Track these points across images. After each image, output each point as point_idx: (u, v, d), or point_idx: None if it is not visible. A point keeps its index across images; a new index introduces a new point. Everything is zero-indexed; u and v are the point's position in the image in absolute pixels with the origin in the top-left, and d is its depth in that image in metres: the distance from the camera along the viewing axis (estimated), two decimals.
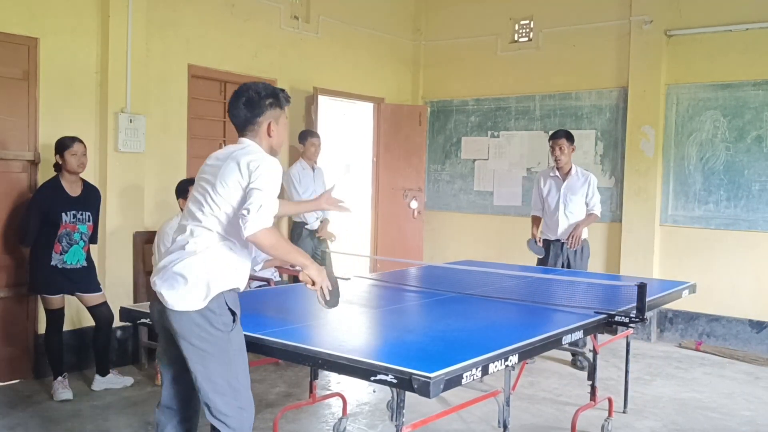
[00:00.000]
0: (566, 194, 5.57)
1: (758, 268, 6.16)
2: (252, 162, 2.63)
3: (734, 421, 4.44)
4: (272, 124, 2.81)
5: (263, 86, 2.86)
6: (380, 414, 4.39)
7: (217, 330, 2.60)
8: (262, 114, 2.79)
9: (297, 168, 6.22)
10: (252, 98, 2.80)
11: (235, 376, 2.64)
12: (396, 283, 4.49)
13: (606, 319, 3.36)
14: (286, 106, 2.89)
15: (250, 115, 2.80)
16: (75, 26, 5.02)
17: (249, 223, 2.51)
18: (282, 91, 2.90)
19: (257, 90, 2.82)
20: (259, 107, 2.79)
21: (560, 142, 5.52)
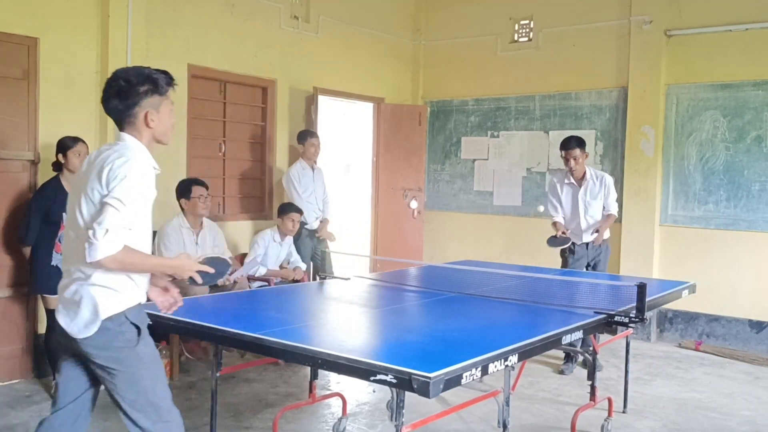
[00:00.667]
0: (584, 199, 5.50)
1: (758, 268, 6.16)
2: (112, 171, 2.39)
3: (734, 421, 4.44)
4: (150, 114, 2.53)
5: (135, 72, 2.56)
6: (380, 414, 4.39)
7: (122, 348, 2.46)
8: (137, 104, 2.52)
9: (297, 168, 6.22)
10: (122, 88, 2.51)
11: (152, 389, 2.51)
12: (396, 283, 4.49)
13: (606, 319, 3.36)
14: (169, 91, 2.61)
15: (123, 107, 2.52)
16: (75, 26, 5.03)
17: (93, 249, 2.30)
18: (162, 74, 2.60)
19: (127, 77, 2.53)
20: (132, 97, 2.51)
21: (574, 153, 5.39)
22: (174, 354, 5.00)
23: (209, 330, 2.97)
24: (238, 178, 6.46)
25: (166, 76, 2.60)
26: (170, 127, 2.65)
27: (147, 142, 2.58)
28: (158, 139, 2.62)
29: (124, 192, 2.37)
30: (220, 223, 5.71)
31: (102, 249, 2.31)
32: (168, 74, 2.62)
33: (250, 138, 6.52)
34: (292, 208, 5.78)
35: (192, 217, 5.18)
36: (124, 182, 2.38)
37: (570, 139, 5.49)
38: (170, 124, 2.65)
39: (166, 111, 2.61)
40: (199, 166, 5.97)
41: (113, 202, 2.35)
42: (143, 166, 2.47)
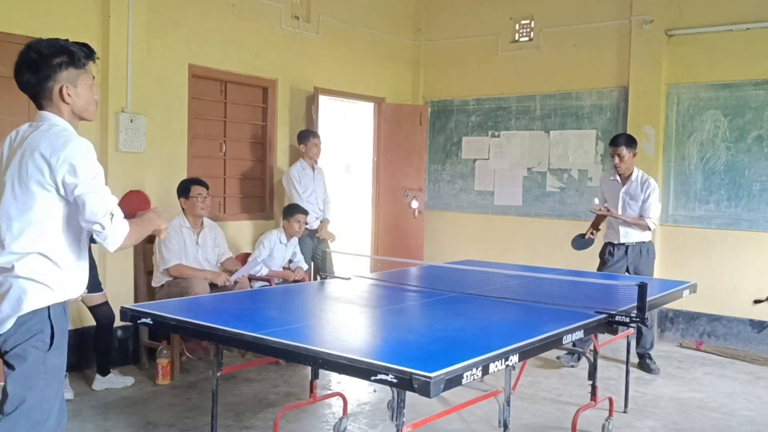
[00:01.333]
0: (625, 199, 5.43)
1: (759, 268, 6.15)
2: (60, 159, 2.24)
3: (735, 420, 4.44)
4: (66, 88, 2.37)
5: (47, 43, 2.37)
6: (381, 414, 4.38)
7: (33, 347, 2.29)
8: (50, 77, 2.36)
9: (297, 168, 6.22)
10: (34, 61, 2.35)
11: (38, 403, 2.28)
12: (396, 282, 4.49)
13: (606, 319, 3.36)
14: (87, 64, 2.43)
15: (35, 81, 2.37)
16: (75, 26, 5.02)
17: (110, 239, 2.29)
18: (81, 46, 2.43)
19: (39, 49, 2.35)
20: (45, 69, 2.35)
21: (620, 150, 5.34)
22: (175, 354, 5.00)
23: (210, 330, 2.97)
24: (238, 178, 6.46)
25: (85, 48, 2.45)
26: (92, 102, 2.49)
27: (68, 118, 2.42)
28: (79, 114, 2.45)
29: (89, 175, 2.28)
30: (220, 223, 5.71)
31: (118, 235, 2.30)
32: (87, 46, 2.47)
33: (250, 138, 6.53)
34: (298, 210, 5.78)
35: (192, 216, 5.18)
36: (87, 168, 2.29)
37: (618, 136, 5.46)
38: (91, 99, 2.48)
39: (85, 85, 2.44)
40: (200, 166, 5.97)
41: (89, 190, 2.27)
42: (86, 147, 2.33)
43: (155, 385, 4.83)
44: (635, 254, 5.45)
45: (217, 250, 5.36)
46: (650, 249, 5.51)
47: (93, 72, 2.50)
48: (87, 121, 2.52)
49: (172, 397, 4.62)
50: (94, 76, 2.51)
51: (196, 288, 4.82)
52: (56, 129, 2.35)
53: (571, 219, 7.15)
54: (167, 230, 2.69)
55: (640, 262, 5.44)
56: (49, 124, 2.38)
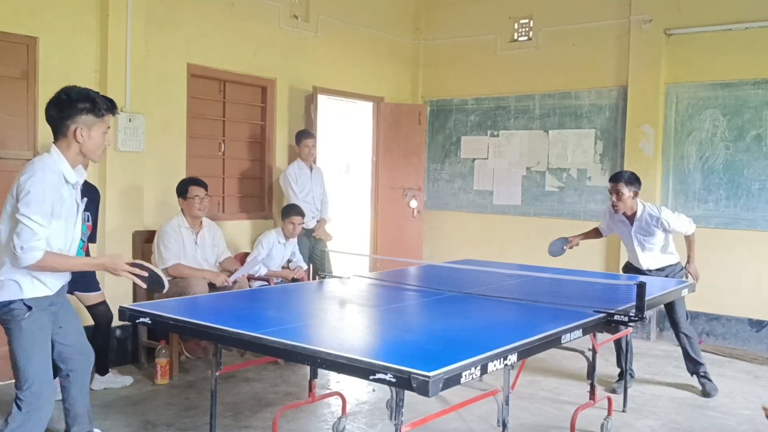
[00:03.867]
0: (638, 237, 4.96)
1: (758, 267, 6.16)
2: (19, 186, 2.77)
3: (734, 420, 4.44)
4: (81, 130, 2.85)
5: (79, 90, 2.88)
6: (379, 413, 4.39)
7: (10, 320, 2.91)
8: (71, 117, 2.85)
9: (294, 168, 6.22)
10: (62, 100, 2.87)
11: (24, 359, 2.92)
12: (395, 282, 4.49)
13: (605, 318, 3.36)
14: (106, 115, 2.92)
15: (58, 117, 2.86)
16: (74, 25, 5.02)
17: (17, 260, 2.76)
18: (106, 100, 2.92)
19: (69, 92, 2.87)
20: (68, 110, 2.84)
21: (617, 187, 4.82)
22: (173, 353, 5.00)
23: (209, 329, 2.97)
24: (237, 178, 6.46)
25: (108, 103, 2.93)
26: (99, 148, 2.95)
27: (73, 155, 2.90)
28: (85, 154, 2.92)
29: (31, 207, 2.74)
30: (219, 223, 5.71)
31: (24, 260, 2.76)
32: (111, 101, 2.96)
33: (249, 137, 6.52)
34: (294, 211, 5.76)
35: (190, 217, 5.17)
36: (29, 197, 2.74)
37: (620, 173, 4.98)
38: (100, 145, 2.95)
39: (99, 132, 2.92)
40: (199, 165, 5.97)
41: (24, 220, 2.74)
42: (48, 180, 2.78)
43: (154, 385, 4.83)
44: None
45: (216, 250, 5.35)
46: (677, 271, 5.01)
47: (110, 123, 2.97)
48: (92, 161, 3.00)
49: (170, 396, 4.62)
50: (109, 126, 2.97)
51: (195, 288, 4.82)
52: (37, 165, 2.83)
53: (570, 218, 7.16)
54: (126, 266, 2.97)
55: None
56: (41, 158, 2.87)
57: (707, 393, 4.90)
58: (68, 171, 2.88)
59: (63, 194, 2.84)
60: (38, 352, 2.96)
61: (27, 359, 2.93)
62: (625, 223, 5.02)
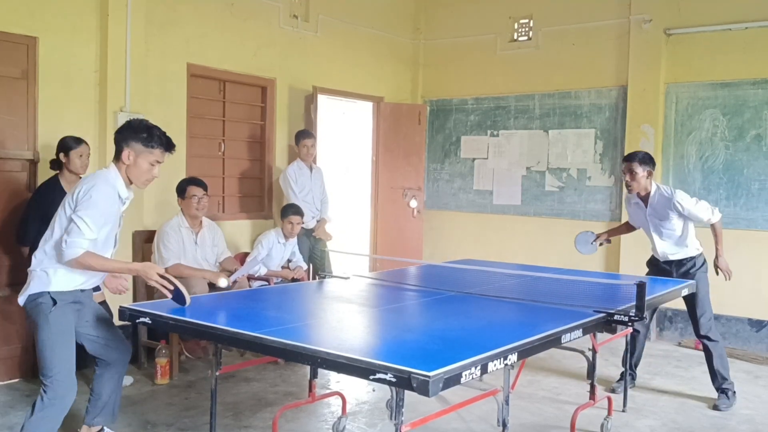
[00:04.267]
0: (653, 221, 4.81)
1: (758, 267, 6.16)
2: (82, 191, 3.13)
3: (733, 419, 4.44)
4: (130, 154, 3.21)
5: (142, 122, 3.27)
6: (379, 413, 4.39)
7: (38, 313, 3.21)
8: (126, 141, 3.21)
9: (293, 168, 6.22)
10: (125, 125, 3.27)
11: (49, 348, 3.17)
12: (395, 282, 4.49)
13: (605, 318, 3.36)
14: (157, 149, 3.24)
15: (118, 138, 3.24)
16: (74, 25, 5.02)
17: (62, 254, 3.09)
18: (162, 136, 3.26)
19: (132, 121, 3.28)
20: (127, 133, 3.22)
21: (631, 166, 4.72)
22: (173, 353, 5.00)
23: (209, 329, 2.97)
24: (237, 178, 6.46)
25: (164, 139, 3.27)
26: (144, 175, 3.28)
27: (123, 175, 3.26)
28: (131, 179, 3.27)
29: (88, 211, 3.08)
30: (219, 223, 5.70)
31: (67, 254, 3.07)
32: (169, 141, 3.32)
33: (249, 137, 6.52)
34: (292, 211, 5.75)
35: (189, 216, 5.17)
36: (89, 202, 3.09)
37: (633, 153, 4.89)
38: (145, 173, 3.27)
39: (145, 162, 3.24)
40: (199, 165, 5.97)
41: (77, 220, 3.06)
42: (107, 193, 3.16)
43: (154, 385, 4.83)
44: (681, 270, 4.86)
45: (216, 250, 5.35)
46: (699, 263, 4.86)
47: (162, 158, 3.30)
48: (138, 187, 3.36)
49: (170, 396, 4.62)
50: (160, 161, 3.30)
51: (194, 287, 4.81)
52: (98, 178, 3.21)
53: (569, 218, 7.16)
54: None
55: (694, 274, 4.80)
56: (102, 172, 3.27)
57: (716, 406, 4.65)
58: (122, 188, 3.24)
59: (114, 209, 3.22)
60: (62, 344, 3.20)
61: (52, 350, 3.17)
62: (640, 206, 4.88)
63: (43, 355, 3.20)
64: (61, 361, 3.20)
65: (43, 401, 3.17)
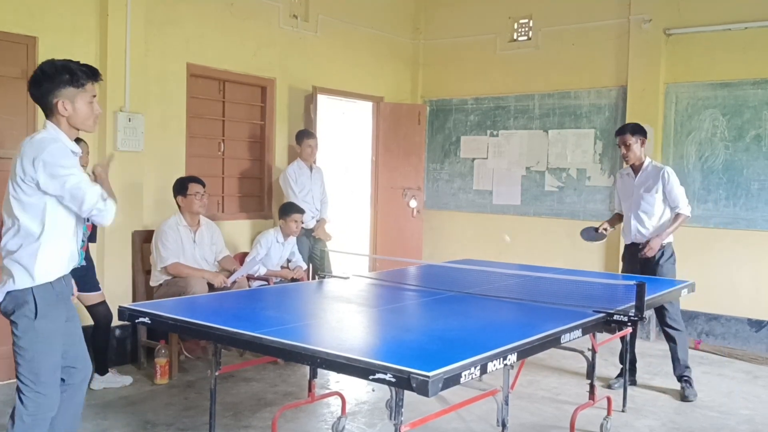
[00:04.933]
0: (638, 192, 4.99)
1: (757, 267, 6.16)
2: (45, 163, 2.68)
3: (733, 419, 4.44)
4: (64, 103, 2.78)
5: (54, 63, 2.80)
6: (379, 413, 4.38)
7: (22, 316, 2.78)
8: (51, 92, 2.77)
9: (293, 168, 6.22)
10: (38, 78, 2.79)
11: (36, 361, 2.79)
12: (395, 282, 4.49)
13: (605, 318, 3.36)
14: (87, 84, 2.81)
15: (39, 94, 2.80)
16: (74, 25, 5.02)
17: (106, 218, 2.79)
18: (85, 68, 2.82)
19: (44, 68, 2.80)
20: (47, 85, 2.77)
21: (624, 139, 4.95)
22: (173, 353, 4.99)
23: (208, 329, 2.97)
24: (237, 178, 6.46)
25: (86, 70, 2.82)
26: (89, 118, 2.86)
27: (65, 128, 2.83)
28: (75, 126, 2.85)
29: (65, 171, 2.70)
30: (218, 222, 5.71)
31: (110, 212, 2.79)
32: (92, 69, 2.85)
33: (249, 137, 6.52)
34: (294, 209, 5.76)
35: (189, 215, 5.17)
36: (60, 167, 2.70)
37: (624, 125, 5.19)
38: (89, 115, 2.86)
39: (83, 103, 2.82)
40: (198, 165, 5.96)
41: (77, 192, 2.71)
42: (62, 148, 2.75)
43: (153, 385, 4.83)
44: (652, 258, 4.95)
45: (215, 248, 5.35)
46: (669, 252, 4.99)
47: (94, 90, 2.87)
48: (87, 131, 2.93)
49: (170, 396, 4.62)
50: (95, 95, 2.88)
51: (194, 287, 4.82)
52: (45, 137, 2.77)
53: (569, 218, 7.16)
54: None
55: (659, 268, 4.93)
56: (44, 133, 2.80)
57: (686, 397, 4.79)
58: (69, 142, 2.83)
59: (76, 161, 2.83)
60: (50, 352, 2.84)
61: (37, 359, 2.80)
62: (630, 176, 5.10)
63: (24, 361, 2.79)
64: (48, 371, 2.82)
65: (24, 420, 2.78)
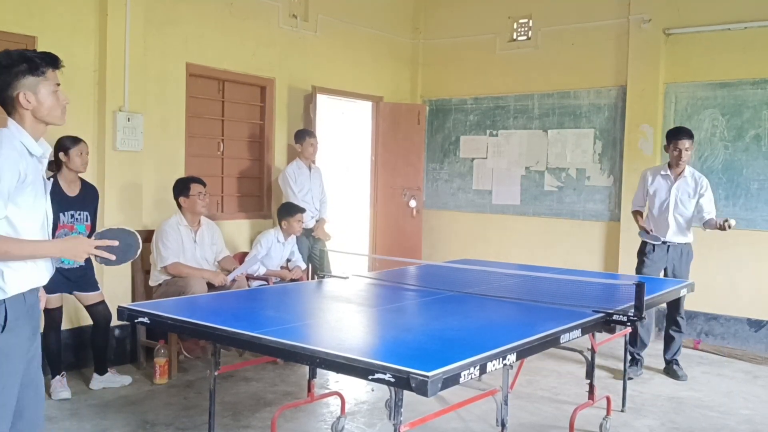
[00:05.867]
0: (677, 196, 5.28)
1: (757, 267, 6.16)
2: None
3: (732, 419, 4.44)
4: (25, 95, 2.46)
5: (5, 54, 2.50)
6: (378, 413, 4.38)
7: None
8: (10, 85, 2.46)
9: (293, 167, 6.22)
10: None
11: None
12: (394, 282, 4.49)
13: (604, 318, 3.36)
14: (47, 71, 2.53)
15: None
16: (73, 24, 5.02)
17: None
18: (41, 55, 2.55)
19: (3, 60, 2.48)
20: (4, 77, 2.47)
21: (685, 143, 5.19)
22: (172, 353, 4.99)
23: (208, 329, 2.97)
24: (236, 177, 6.46)
25: (45, 57, 2.55)
26: (55, 108, 2.55)
27: (30, 123, 2.51)
28: (43, 119, 2.54)
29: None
30: (218, 222, 5.70)
31: None
32: (49, 55, 2.58)
33: (248, 137, 6.52)
34: (296, 209, 5.76)
35: (190, 215, 5.17)
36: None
37: (681, 129, 5.34)
38: (55, 106, 2.55)
39: (46, 93, 2.52)
40: (198, 164, 5.96)
41: None
42: (5, 156, 2.36)
43: (153, 384, 4.82)
44: (677, 254, 5.33)
45: (215, 249, 5.35)
46: (690, 250, 5.40)
47: (57, 78, 2.57)
48: (56, 125, 2.61)
49: (169, 396, 4.62)
50: (58, 83, 2.57)
51: (193, 287, 4.81)
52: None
53: (569, 218, 7.16)
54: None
55: (681, 262, 5.33)
56: (3, 130, 2.45)
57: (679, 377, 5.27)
58: (30, 143, 2.49)
59: (25, 169, 2.43)
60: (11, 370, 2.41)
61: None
62: (668, 179, 5.34)
63: None
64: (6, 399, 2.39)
65: None
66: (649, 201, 5.48)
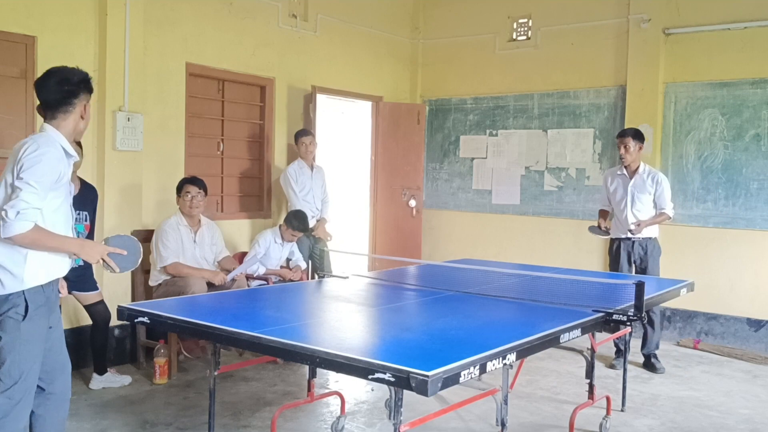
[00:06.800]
0: (633, 192, 5.54)
1: (756, 267, 6.16)
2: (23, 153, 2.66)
3: (732, 419, 4.45)
4: (85, 107, 2.90)
5: (74, 70, 2.90)
6: (378, 412, 4.38)
7: (9, 317, 2.69)
8: (77, 97, 2.86)
9: (294, 167, 6.22)
10: (67, 79, 2.85)
11: (15, 363, 2.69)
12: (394, 281, 4.48)
13: (604, 318, 3.36)
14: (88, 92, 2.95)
15: (61, 96, 2.83)
16: (72, 24, 5.01)
17: (6, 227, 2.57)
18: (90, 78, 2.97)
19: (72, 72, 2.88)
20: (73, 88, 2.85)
21: (626, 141, 5.48)
22: (172, 353, 4.99)
23: (207, 329, 2.97)
24: (236, 177, 6.45)
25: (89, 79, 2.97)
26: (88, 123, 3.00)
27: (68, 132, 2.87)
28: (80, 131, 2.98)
29: (36, 176, 2.62)
30: (218, 222, 5.70)
31: (13, 228, 2.57)
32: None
33: (248, 137, 6.52)
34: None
35: (184, 214, 5.16)
36: (36, 167, 2.63)
37: (626, 129, 5.71)
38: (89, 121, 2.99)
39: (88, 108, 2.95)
40: (197, 164, 5.96)
41: (25, 186, 2.59)
42: (53, 155, 2.70)
43: (152, 384, 4.82)
44: (642, 250, 5.54)
45: (215, 248, 5.35)
46: (656, 245, 5.58)
47: None
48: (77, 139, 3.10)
49: (169, 396, 4.62)
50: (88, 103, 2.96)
51: (193, 287, 4.82)
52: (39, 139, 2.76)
53: (568, 218, 7.16)
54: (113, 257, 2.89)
55: (648, 257, 5.52)
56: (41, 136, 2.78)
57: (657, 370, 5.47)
58: (68, 145, 2.83)
59: (63, 170, 2.76)
60: (29, 357, 2.72)
61: (18, 364, 2.69)
62: (624, 178, 5.60)
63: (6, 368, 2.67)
64: (24, 375, 2.69)
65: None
66: (611, 200, 5.73)
